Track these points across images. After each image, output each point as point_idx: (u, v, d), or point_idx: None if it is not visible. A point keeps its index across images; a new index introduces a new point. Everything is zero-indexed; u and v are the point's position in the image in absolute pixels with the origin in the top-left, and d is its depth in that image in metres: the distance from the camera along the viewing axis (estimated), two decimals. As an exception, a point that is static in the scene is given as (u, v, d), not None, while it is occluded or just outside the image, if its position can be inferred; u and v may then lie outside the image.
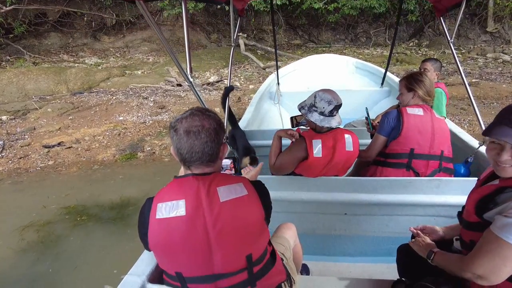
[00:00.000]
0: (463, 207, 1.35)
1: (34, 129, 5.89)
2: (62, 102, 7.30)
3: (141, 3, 1.42)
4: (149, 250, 1.20)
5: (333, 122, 2.03)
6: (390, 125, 2.18)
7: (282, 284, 1.39)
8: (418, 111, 2.16)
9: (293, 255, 1.70)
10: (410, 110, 2.16)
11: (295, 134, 2.13)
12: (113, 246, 2.98)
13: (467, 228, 1.29)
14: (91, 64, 10.39)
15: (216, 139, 1.16)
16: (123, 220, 3.35)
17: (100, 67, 10.05)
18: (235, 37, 2.98)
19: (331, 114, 2.02)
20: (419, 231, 1.58)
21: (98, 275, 2.66)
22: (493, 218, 1.13)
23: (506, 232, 1.07)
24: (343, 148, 2.05)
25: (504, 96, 6.75)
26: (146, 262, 1.38)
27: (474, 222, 1.22)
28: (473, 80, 7.73)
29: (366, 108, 2.69)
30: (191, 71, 1.86)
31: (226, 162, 1.68)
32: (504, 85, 7.41)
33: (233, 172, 1.68)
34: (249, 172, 1.72)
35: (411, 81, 2.21)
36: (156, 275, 1.36)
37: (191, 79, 1.89)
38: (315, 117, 2.02)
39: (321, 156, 2.01)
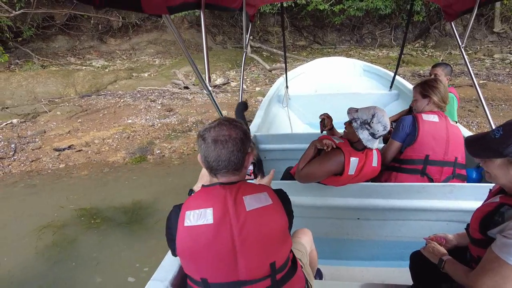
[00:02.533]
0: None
1: (45, 132, 5.97)
2: (70, 105, 7.38)
3: (168, 16, 1.46)
4: (176, 256, 1.24)
5: (375, 145, 2.00)
6: (405, 131, 2.19)
7: (303, 290, 1.42)
8: (434, 118, 2.17)
9: (309, 260, 1.73)
10: (425, 117, 2.17)
11: (330, 144, 2.01)
12: (128, 249, 3.03)
13: (473, 244, 1.32)
14: (98, 67, 10.49)
15: (242, 148, 1.20)
16: (136, 224, 3.39)
17: (107, 70, 10.14)
18: (247, 43, 3.01)
19: (378, 137, 1.98)
20: (431, 241, 1.60)
21: (112, 278, 2.71)
22: (496, 235, 1.16)
23: (505, 253, 1.11)
24: (370, 165, 2.06)
25: (512, 97, 6.73)
26: (168, 267, 1.41)
27: (479, 239, 1.25)
28: (481, 81, 7.71)
29: None
30: (209, 80, 1.90)
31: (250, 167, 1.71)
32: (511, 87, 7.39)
33: (252, 177, 1.71)
34: (261, 180, 1.72)
35: (426, 88, 2.22)
36: (179, 281, 1.39)
37: (210, 88, 1.93)
38: (364, 135, 1.94)
39: (353, 174, 2.01)
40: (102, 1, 0.98)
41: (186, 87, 8.29)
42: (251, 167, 1.68)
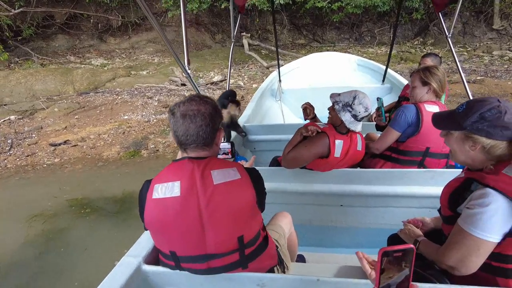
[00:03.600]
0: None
1: (41, 128, 6.01)
2: (68, 102, 7.43)
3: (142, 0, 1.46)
4: (146, 229, 1.25)
5: (358, 127, 2.03)
6: (407, 121, 2.10)
7: (275, 268, 1.43)
8: (435, 109, 2.08)
9: (288, 243, 1.73)
10: (428, 107, 2.08)
11: (315, 129, 2.06)
12: (115, 236, 3.07)
13: (445, 223, 1.33)
14: (97, 65, 10.54)
15: (211, 123, 1.20)
16: (126, 213, 3.43)
17: (106, 68, 10.19)
18: (235, 33, 3.03)
19: (361, 119, 2.01)
20: (408, 223, 1.60)
21: (99, 263, 2.75)
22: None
23: (468, 224, 1.12)
24: (355, 148, 2.09)
25: (509, 93, 6.70)
26: (143, 244, 1.43)
27: (449, 215, 1.26)
28: (478, 78, 7.68)
29: (380, 98, 2.60)
30: (188, 63, 1.92)
31: (225, 145, 1.72)
32: (509, 82, 7.36)
33: (230, 156, 1.72)
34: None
35: (427, 74, 2.12)
36: (153, 257, 1.40)
37: (189, 71, 1.95)
38: (346, 117, 1.97)
39: (339, 156, 2.03)
40: None
41: (183, 84, 8.31)
42: (228, 146, 1.70)
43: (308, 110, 2.39)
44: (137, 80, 8.80)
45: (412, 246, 0.78)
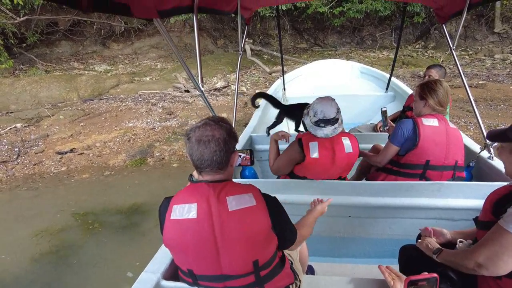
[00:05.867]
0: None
1: (47, 136, 6.07)
2: (73, 109, 7.49)
3: (158, 20, 1.50)
4: (165, 246, 1.31)
5: (319, 133, 2.11)
6: (404, 136, 2.16)
7: (290, 286, 1.46)
8: (433, 122, 2.13)
9: (299, 256, 1.77)
10: (425, 121, 2.13)
11: (286, 135, 2.35)
12: (125, 252, 3.09)
13: (482, 228, 1.31)
14: (101, 71, 10.62)
15: (224, 148, 1.23)
16: (136, 227, 3.45)
17: (109, 74, 10.27)
18: (243, 45, 3.08)
19: (317, 124, 2.09)
20: (431, 231, 1.62)
21: (110, 278, 2.78)
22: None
23: (508, 222, 1.11)
24: (342, 151, 2.15)
25: None
26: (160, 260, 1.47)
27: (490, 221, 1.24)
28: (480, 82, 7.71)
29: (384, 110, 2.70)
30: (202, 80, 1.96)
31: (243, 154, 1.76)
32: (511, 87, 7.39)
33: (249, 163, 1.77)
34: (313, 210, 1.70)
35: (424, 89, 2.19)
36: (170, 273, 1.45)
37: (202, 88, 1.99)
38: (307, 122, 2.17)
39: (318, 157, 2.11)
40: (90, 5, 1.00)
41: (187, 91, 8.37)
42: (245, 155, 1.73)
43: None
44: (141, 87, 8.87)
45: (435, 275, 0.81)
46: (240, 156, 1.70)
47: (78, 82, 8.75)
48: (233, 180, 1.36)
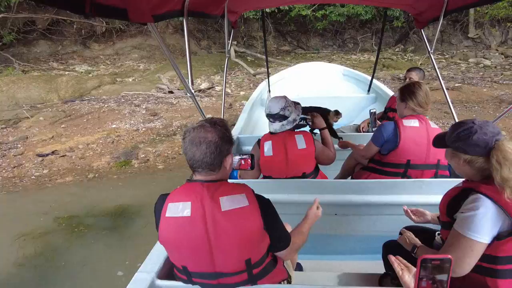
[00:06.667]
0: None
1: (27, 138, 5.90)
2: (53, 110, 7.31)
3: (152, 24, 1.53)
4: (160, 243, 1.33)
5: (270, 127, 2.33)
6: (383, 138, 2.26)
7: (282, 282, 1.51)
8: (414, 123, 2.22)
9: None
10: (406, 122, 2.23)
11: None
12: (114, 252, 3.06)
13: (443, 228, 1.46)
14: (82, 72, 10.40)
15: (216, 150, 1.25)
16: (120, 230, 3.41)
17: (90, 75, 10.07)
18: (229, 49, 3.12)
19: (268, 119, 2.30)
20: (409, 210, 1.82)
21: (100, 278, 2.75)
22: None
23: (461, 227, 1.24)
24: (294, 147, 2.26)
25: (485, 100, 7.05)
26: (154, 259, 1.49)
27: (447, 222, 1.38)
28: (456, 85, 8.03)
29: (371, 110, 2.92)
30: (192, 83, 1.99)
31: (245, 157, 1.78)
32: (484, 89, 7.73)
33: (249, 168, 1.79)
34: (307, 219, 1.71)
35: (403, 92, 2.29)
36: (165, 272, 1.47)
37: (193, 91, 2.01)
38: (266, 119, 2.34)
39: (272, 154, 2.25)
40: (92, 11, 1.03)
41: (171, 92, 8.32)
42: (248, 157, 1.76)
43: None
44: (123, 88, 8.75)
45: (449, 256, 0.87)
46: (242, 159, 1.73)
47: (58, 82, 8.55)
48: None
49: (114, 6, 1.20)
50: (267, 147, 2.27)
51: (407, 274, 1.16)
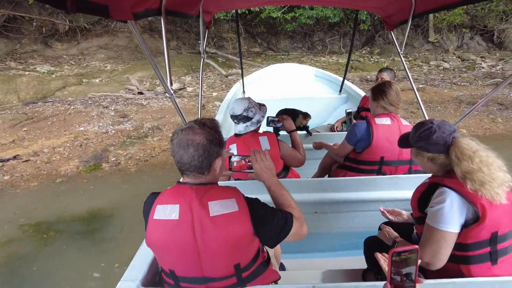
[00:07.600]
0: None
1: (-16, 142, 5.52)
2: (13, 113, 6.89)
3: (133, 22, 1.50)
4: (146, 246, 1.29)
5: (236, 129, 2.33)
6: (357, 136, 2.33)
7: (272, 283, 1.50)
8: (386, 121, 2.29)
9: (274, 253, 1.83)
10: (378, 121, 2.29)
11: None
12: (87, 256, 2.94)
13: (416, 223, 1.54)
14: (44, 72, 9.87)
15: (204, 154, 1.22)
16: (94, 233, 3.28)
17: (54, 75, 9.58)
18: (204, 49, 3.09)
19: (233, 121, 2.32)
20: (385, 211, 1.87)
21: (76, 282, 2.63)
22: None
23: (433, 220, 1.33)
24: (259, 148, 2.24)
25: (446, 100, 7.47)
26: (138, 267, 1.43)
27: (419, 217, 1.45)
28: (420, 86, 8.45)
29: (347, 111, 3.01)
30: (171, 84, 1.95)
31: (244, 157, 1.72)
32: (445, 90, 8.19)
33: (252, 171, 1.74)
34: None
35: (375, 92, 2.38)
36: (150, 279, 1.42)
37: (172, 92, 1.98)
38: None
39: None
40: (73, 6, 1.00)
41: (140, 93, 8.10)
42: (247, 158, 1.72)
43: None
44: (90, 89, 8.41)
45: (416, 246, 0.94)
46: (243, 159, 1.67)
47: (18, 83, 8.06)
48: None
49: (95, 3, 1.17)
50: (232, 150, 2.26)
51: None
